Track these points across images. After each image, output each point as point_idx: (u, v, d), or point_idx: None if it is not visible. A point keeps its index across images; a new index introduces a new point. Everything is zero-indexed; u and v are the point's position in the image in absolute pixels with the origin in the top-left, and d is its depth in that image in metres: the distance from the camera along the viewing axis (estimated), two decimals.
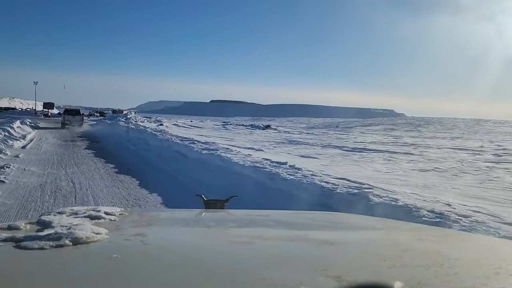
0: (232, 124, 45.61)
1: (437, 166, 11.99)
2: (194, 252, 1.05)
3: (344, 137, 30.49)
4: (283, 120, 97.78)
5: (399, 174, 10.20)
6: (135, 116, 42.95)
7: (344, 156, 14.97)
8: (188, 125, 38.79)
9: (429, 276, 0.85)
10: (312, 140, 24.95)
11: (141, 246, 1.10)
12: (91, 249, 0.99)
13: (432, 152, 17.28)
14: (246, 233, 1.41)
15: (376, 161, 13.30)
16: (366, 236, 1.46)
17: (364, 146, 20.43)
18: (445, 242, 1.35)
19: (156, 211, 3.24)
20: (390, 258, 1.01)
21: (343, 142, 23.17)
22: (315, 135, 31.36)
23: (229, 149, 12.27)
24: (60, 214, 1.30)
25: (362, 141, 25.45)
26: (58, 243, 0.97)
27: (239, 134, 29.38)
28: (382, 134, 37.82)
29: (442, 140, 29.55)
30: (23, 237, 1.00)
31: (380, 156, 15.17)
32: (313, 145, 20.52)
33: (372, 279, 0.78)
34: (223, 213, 1.87)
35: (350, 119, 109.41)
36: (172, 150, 13.63)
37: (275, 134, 30.96)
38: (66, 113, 32.14)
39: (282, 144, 20.20)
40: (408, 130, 49.18)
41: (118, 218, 1.37)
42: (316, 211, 2.39)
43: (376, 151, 17.31)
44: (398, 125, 62.11)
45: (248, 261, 0.97)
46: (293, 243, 1.21)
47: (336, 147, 19.18)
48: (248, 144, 18.80)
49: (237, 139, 22.87)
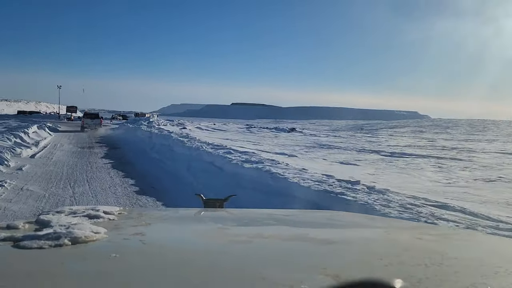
0: (256, 127, 44.31)
1: (499, 175, 10.42)
2: (193, 251, 1.04)
3: (374, 140, 28.99)
4: (305, 123, 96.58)
5: (462, 185, 8.79)
6: (157, 119, 41.86)
7: (386, 162, 13.58)
8: (212, 128, 37.73)
9: (429, 274, 0.84)
10: (342, 143, 23.56)
11: (140, 245, 1.08)
12: (90, 248, 0.98)
13: (481, 158, 15.64)
14: (245, 232, 1.37)
15: (425, 169, 11.88)
16: (365, 235, 1.43)
17: (401, 150, 19.00)
18: (445, 241, 1.32)
19: (155, 211, 3.13)
20: (389, 257, 1.00)
21: (377, 146, 21.75)
22: (343, 138, 30.03)
23: (275, 161, 9.86)
24: (59, 213, 1.28)
25: (396, 144, 23.94)
26: (57, 243, 0.95)
27: (264, 137, 28.17)
28: (412, 137, 36.12)
29: (480, 143, 27.76)
30: (22, 237, 0.98)
31: (426, 162, 13.74)
32: (346, 149, 19.14)
33: (371, 277, 0.73)
34: (222, 212, 1.82)
35: (374, 121, 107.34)
36: (204, 160, 11.27)
37: (302, 137, 29.64)
38: (85, 117, 32.22)
39: (313, 149, 18.84)
40: (438, 132, 47.39)
41: (117, 217, 1.35)
42: (315, 210, 2.45)
43: (418, 156, 15.87)
44: (426, 127, 60.34)
45: (248, 260, 0.96)
46: (293, 242, 1.19)
47: (373, 152, 17.76)
48: (277, 148, 17.54)
49: (264, 143, 21.62)
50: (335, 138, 29.90)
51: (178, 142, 15.81)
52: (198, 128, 35.08)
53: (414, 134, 42.83)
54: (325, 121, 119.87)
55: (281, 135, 32.95)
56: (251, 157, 10.53)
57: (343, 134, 37.70)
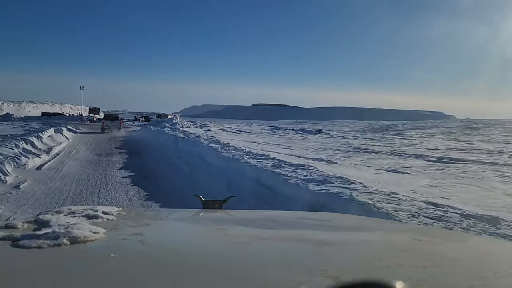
0: (281, 128, 42.82)
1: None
2: (192, 252, 1.04)
3: (408, 142, 27.16)
4: (327, 123, 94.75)
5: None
6: (180, 121, 40.78)
7: (437, 169, 12.04)
8: (236, 130, 36.57)
9: (427, 276, 0.84)
10: (376, 146, 21.95)
11: (139, 245, 1.09)
12: (89, 248, 0.98)
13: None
14: (245, 233, 1.37)
15: (488, 178, 10.37)
16: (365, 237, 1.43)
17: (445, 154, 17.23)
18: (444, 243, 1.33)
19: (154, 211, 3.12)
20: (388, 258, 1.00)
21: (415, 149, 20.02)
22: (374, 140, 28.34)
23: (350, 182, 7.11)
24: (58, 213, 1.29)
25: (434, 147, 22.15)
26: (56, 242, 0.96)
27: (291, 139, 26.74)
28: (447, 139, 34.12)
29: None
30: (21, 236, 0.99)
31: (482, 170, 12.12)
32: (384, 153, 17.54)
33: (370, 279, 0.73)
34: (221, 213, 1.83)
35: (398, 121, 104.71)
36: (247, 177, 8.60)
37: (330, 140, 28.09)
38: (105, 119, 32.55)
39: (349, 153, 17.30)
40: (470, 133, 45.30)
41: (116, 217, 1.35)
42: (314, 212, 2.42)
43: (469, 162, 14.23)
44: (455, 127, 58.17)
45: (247, 262, 0.96)
46: (292, 243, 1.19)
47: (416, 157, 16.16)
48: (310, 153, 16.15)
49: (295, 146, 20.14)
50: (365, 140, 28.23)
51: (210, 150, 12.99)
52: (222, 130, 33.98)
53: (445, 135, 40.90)
54: (347, 121, 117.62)
55: (308, 137, 31.41)
56: (311, 173, 7.97)
57: (371, 136, 36.02)
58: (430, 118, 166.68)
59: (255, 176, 8.43)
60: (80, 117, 58.24)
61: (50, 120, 46.82)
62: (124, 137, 25.26)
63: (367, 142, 25.76)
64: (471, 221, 4.78)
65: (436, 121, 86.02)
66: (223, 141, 16.13)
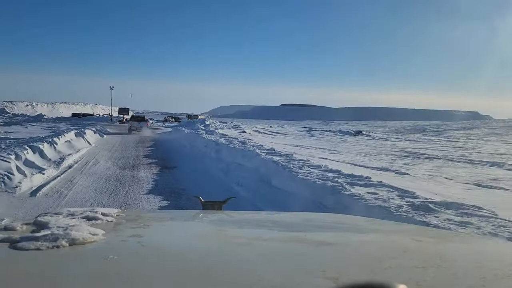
0: (316, 129, 40.45)
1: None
2: (191, 253, 1.04)
3: (459, 145, 24.59)
4: (357, 124, 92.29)
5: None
6: (213, 122, 38.90)
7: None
8: (270, 131, 34.50)
9: (427, 277, 0.84)
10: (430, 150, 19.64)
11: (138, 247, 1.08)
12: (88, 250, 0.98)
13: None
14: (244, 234, 1.37)
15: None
16: (364, 238, 1.42)
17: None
18: (443, 243, 1.32)
19: (153, 212, 3.09)
20: (388, 259, 0.99)
21: (478, 155, 17.64)
22: (421, 143, 26.00)
23: (468, 212, 5.27)
24: (57, 215, 1.28)
25: (495, 151, 19.62)
26: (55, 244, 0.96)
27: (333, 142, 24.58)
28: (496, 141, 31.47)
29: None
30: (19, 238, 0.99)
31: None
32: (450, 160, 15.14)
33: (370, 280, 0.72)
34: (220, 214, 1.81)
35: (433, 122, 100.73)
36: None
37: (373, 142, 25.88)
38: (132, 119, 32.69)
39: (407, 159, 14.98)
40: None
41: (115, 219, 1.35)
42: (314, 213, 2.38)
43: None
44: (498, 128, 54.78)
45: (246, 262, 0.96)
46: (291, 244, 1.18)
47: (492, 164, 13.66)
48: (364, 159, 14.01)
49: (341, 150, 17.98)
50: (412, 143, 25.85)
51: (276, 168, 8.92)
52: (256, 132, 32.15)
53: (491, 136, 38.33)
54: (379, 122, 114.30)
55: (348, 139, 29.16)
56: (402, 197, 6.04)
57: (414, 137, 33.46)
58: (465, 119, 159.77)
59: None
60: (110, 118, 57.19)
61: (79, 121, 46.12)
62: (154, 141, 22.36)
63: (416, 145, 23.45)
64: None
65: (476, 121, 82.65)
66: (282, 151, 12.36)
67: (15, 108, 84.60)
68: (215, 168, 11.49)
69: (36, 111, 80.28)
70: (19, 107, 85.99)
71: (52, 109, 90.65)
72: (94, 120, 47.79)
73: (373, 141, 27.11)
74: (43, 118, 52.69)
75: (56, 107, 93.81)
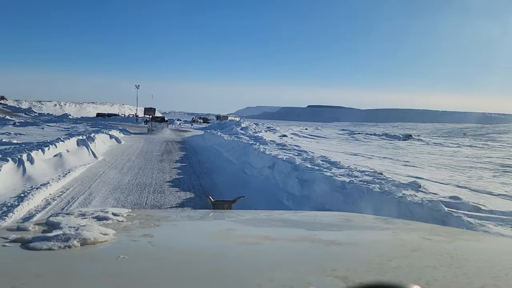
0: (360, 132, 36.60)
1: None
2: (201, 252, 1.03)
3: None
4: (387, 126, 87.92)
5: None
6: (249, 124, 35.26)
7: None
8: (308, 135, 30.89)
9: (437, 276, 0.82)
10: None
11: (148, 247, 1.08)
12: (99, 250, 0.98)
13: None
14: (254, 234, 1.34)
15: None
16: (374, 237, 1.40)
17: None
18: (454, 242, 1.29)
19: (163, 212, 2.98)
20: (398, 258, 0.98)
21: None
22: (489, 149, 21.96)
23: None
24: (68, 215, 1.28)
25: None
26: (66, 244, 0.96)
27: (387, 149, 21.30)
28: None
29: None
30: (32, 238, 1.00)
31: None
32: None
33: (380, 279, 0.75)
34: (230, 213, 1.80)
35: (470, 124, 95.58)
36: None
37: (433, 149, 22.22)
38: (152, 120, 31.80)
39: (500, 175, 11.18)
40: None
41: (125, 219, 1.35)
42: (323, 211, 2.39)
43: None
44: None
45: (256, 262, 0.95)
46: (301, 244, 1.17)
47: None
48: (460, 176, 10.26)
49: (414, 162, 14.41)
50: (474, 149, 22.24)
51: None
52: (294, 135, 28.73)
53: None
54: (409, 124, 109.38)
55: (399, 144, 25.48)
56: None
57: (468, 142, 29.53)
58: (502, 121, 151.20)
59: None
60: (135, 118, 54.27)
61: (103, 121, 43.73)
62: (185, 151, 16.34)
63: (489, 153, 19.56)
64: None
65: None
66: (349, 165, 9.53)
67: (43, 107, 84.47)
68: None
69: (64, 111, 79.54)
70: (47, 107, 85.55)
71: (80, 108, 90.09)
72: (119, 121, 45.64)
73: (430, 147, 23.56)
74: (67, 118, 50.94)
75: (83, 107, 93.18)
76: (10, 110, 65.03)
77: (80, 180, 9.01)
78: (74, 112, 76.74)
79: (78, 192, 7.89)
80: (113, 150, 15.45)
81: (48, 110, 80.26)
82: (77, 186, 8.39)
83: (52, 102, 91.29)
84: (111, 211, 1.35)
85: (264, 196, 7.65)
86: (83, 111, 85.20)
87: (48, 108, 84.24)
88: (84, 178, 9.27)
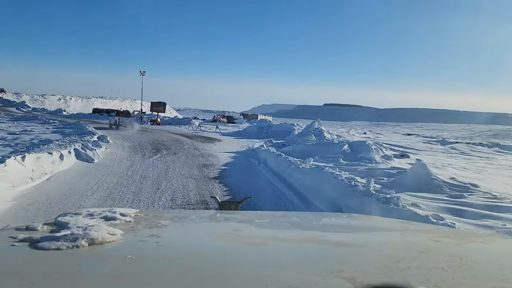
0: (459, 142, 26.16)
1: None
2: (208, 253, 1.03)
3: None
4: (410, 126, 77.62)
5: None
6: (325, 129, 24.99)
7: None
8: (374, 139, 21.23)
9: (446, 278, 0.81)
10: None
11: (155, 247, 1.08)
12: (106, 250, 0.98)
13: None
14: (261, 235, 1.33)
15: None
16: (382, 238, 1.37)
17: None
18: (463, 244, 1.25)
19: (171, 213, 3.00)
20: (406, 259, 0.96)
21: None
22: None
23: None
24: (76, 215, 1.28)
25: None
26: (74, 244, 0.96)
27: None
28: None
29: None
30: (40, 238, 1.00)
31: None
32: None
33: (388, 281, 0.75)
34: (237, 214, 1.76)
35: (495, 125, 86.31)
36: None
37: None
38: (118, 115, 27.82)
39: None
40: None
41: (133, 219, 1.35)
42: (330, 213, 2.33)
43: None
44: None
45: (263, 263, 0.94)
46: (308, 245, 1.16)
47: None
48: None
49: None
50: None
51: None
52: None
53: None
54: (432, 124, 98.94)
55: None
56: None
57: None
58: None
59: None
60: (139, 116, 42.75)
61: (94, 119, 34.27)
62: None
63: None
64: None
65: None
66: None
67: (46, 102, 77.31)
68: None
69: (70, 106, 71.97)
70: (50, 101, 78.38)
71: (87, 103, 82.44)
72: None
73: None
74: (60, 113, 44.90)
75: (91, 101, 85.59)
76: (2, 104, 58.25)
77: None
78: (81, 107, 69.13)
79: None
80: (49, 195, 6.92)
81: (51, 104, 73.68)
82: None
83: (56, 96, 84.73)
84: (119, 211, 1.36)
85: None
86: (90, 106, 76.67)
87: (52, 102, 77.58)
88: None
